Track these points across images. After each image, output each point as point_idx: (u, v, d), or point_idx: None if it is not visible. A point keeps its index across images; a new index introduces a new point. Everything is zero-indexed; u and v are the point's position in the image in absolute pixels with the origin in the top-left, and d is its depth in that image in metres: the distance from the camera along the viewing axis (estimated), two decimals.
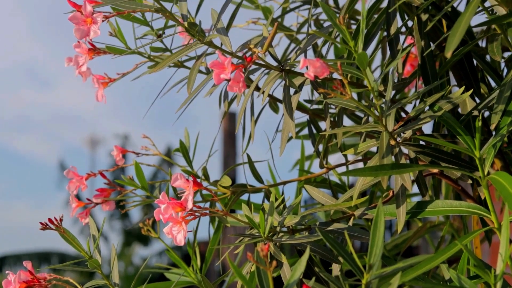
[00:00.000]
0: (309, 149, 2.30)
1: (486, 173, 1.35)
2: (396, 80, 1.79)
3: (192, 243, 1.85)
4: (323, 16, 2.17)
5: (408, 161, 1.52)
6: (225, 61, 1.45)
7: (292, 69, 1.61)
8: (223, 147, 9.70)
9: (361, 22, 1.34)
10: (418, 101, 1.69)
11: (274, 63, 1.62)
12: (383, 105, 1.41)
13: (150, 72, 1.79)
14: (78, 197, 1.95)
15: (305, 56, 1.69)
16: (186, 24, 1.60)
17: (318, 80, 1.65)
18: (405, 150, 1.49)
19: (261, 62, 1.57)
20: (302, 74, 1.61)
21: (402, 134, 1.48)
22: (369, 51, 1.86)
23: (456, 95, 1.45)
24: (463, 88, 1.46)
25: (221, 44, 1.62)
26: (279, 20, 2.23)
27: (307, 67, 1.28)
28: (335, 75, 1.62)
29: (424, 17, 1.65)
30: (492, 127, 1.41)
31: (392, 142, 1.43)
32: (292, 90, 1.60)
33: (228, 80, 1.48)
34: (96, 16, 1.53)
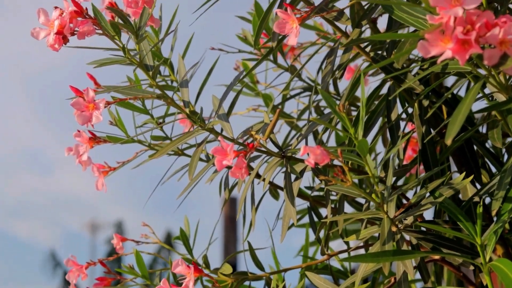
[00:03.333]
0: (313, 235, 2.29)
1: (487, 259, 1.34)
2: (397, 167, 1.80)
3: None
4: (324, 103, 2.18)
5: (409, 248, 1.51)
6: (227, 147, 1.45)
7: (293, 155, 1.62)
8: (224, 232, 9.64)
9: (361, 110, 1.35)
10: (419, 187, 1.69)
11: (275, 150, 1.62)
12: (384, 192, 1.41)
13: (151, 159, 1.80)
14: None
15: (306, 143, 1.69)
16: (187, 110, 1.61)
17: (319, 167, 1.65)
18: (406, 236, 1.48)
19: (262, 148, 1.58)
20: (303, 161, 1.61)
21: (403, 221, 1.47)
22: (370, 137, 1.87)
23: (456, 181, 1.45)
24: (463, 174, 1.47)
25: (222, 130, 1.63)
26: (280, 107, 2.24)
27: (307, 154, 1.28)
28: (336, 162, 1.63)
29: (425, 103, 1.66)
30: (493, 213, 1.41)
31: (394, 229, 1.43)
32: (293, 177, 1.60)
33: (230, 167, 1.48)
34: (98, 102, 1.53)
